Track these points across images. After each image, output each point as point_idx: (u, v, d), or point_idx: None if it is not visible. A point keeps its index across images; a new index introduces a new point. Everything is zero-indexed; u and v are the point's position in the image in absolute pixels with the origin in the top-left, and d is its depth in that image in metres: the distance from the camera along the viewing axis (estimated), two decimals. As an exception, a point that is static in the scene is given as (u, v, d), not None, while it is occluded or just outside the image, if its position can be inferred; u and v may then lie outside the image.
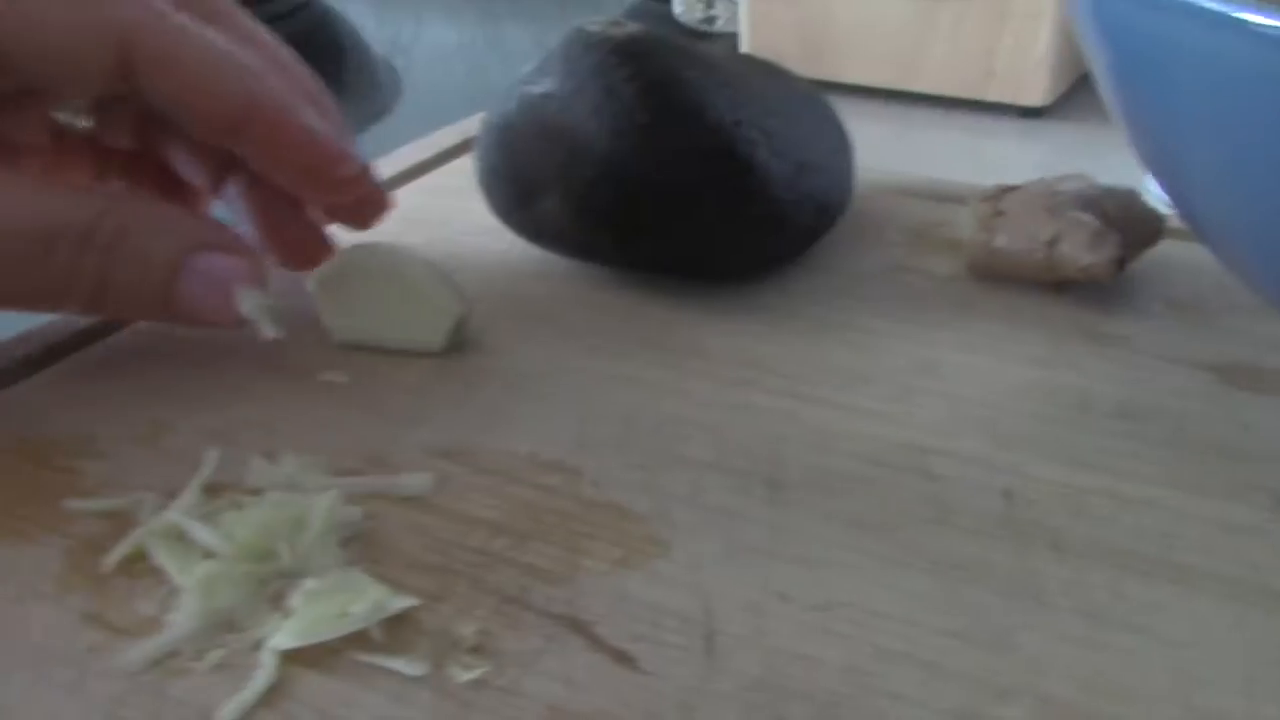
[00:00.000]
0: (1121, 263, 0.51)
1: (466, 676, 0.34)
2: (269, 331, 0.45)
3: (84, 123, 0.51)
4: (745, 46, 1.19)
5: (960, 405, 0.46)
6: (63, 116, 0.51)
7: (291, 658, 0.35)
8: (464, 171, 0.69)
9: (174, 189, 0.53)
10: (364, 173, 0.45)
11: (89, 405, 0.47)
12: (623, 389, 0.47)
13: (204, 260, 0.44)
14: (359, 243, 0.50)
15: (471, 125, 0.76)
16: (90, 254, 0.42)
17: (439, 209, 0.65)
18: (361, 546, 0.39)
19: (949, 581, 0.37)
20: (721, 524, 0.40)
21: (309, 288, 0.50)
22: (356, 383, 0.48)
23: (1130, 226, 0.53)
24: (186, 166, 0.51)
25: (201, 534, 0.37)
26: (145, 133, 0.49)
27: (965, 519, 0.40)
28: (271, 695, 0.34)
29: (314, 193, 0.45)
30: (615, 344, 0.51)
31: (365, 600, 0.35)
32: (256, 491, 0.41)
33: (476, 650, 0.35)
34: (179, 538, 0.39)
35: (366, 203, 0.50)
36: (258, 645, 0.35)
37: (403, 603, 0.36)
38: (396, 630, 0.36)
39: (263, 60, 0.46)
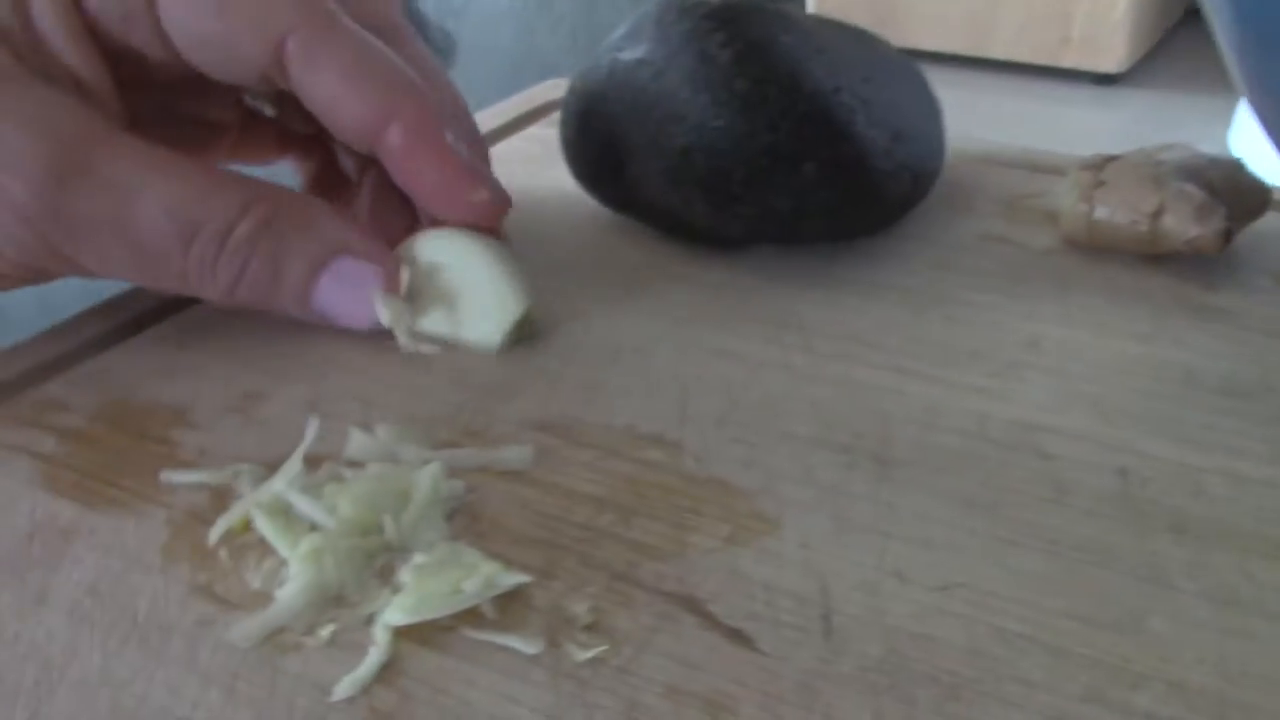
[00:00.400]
0: (1228, 235, 0.50)
1: (583, 656, 0.33)
2: (404, 341, 0.45)
3: (271, 110, 0.53)
4: (812, 9, 1.18)
5: (1066, 381, 0.45)
6: (252, 100, 0.52)
7: (403, 634, 0.34)
8: (540, 139, 0.68)
9: (341, 178, 0.53)
10: (496, 198, 0.44)
11: (181, 375, 0.47)
12: (721, 362, 0.46)
13: (345, 264, 0.44)
14: (428, 229, 0.49)
15: (545, 91, 0.75)
16: (230, 247, 0.42)
17: (518, 177, 0.64)
18: (465, 521, 0.39)
19: (1068, 563, 0.36)
20: (830, 501, 0.39)
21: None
22: (448, 354, 0.48)
23: (1236, 198, 0.52)
24: (344, 158, 0.52)
25: (306, 507, 0.37)
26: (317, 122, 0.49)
27: (1081, 498, 0.39)
28: (386, 672, 0.33)
29: (443, 210, 0.44)
30: (709, 316, 0.50)
31: (477, 576, 0.35)
32: (356, 464, 0.41)
33: (591, 628, 0.34)
34: (283, 511, 0.38)
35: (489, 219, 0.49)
36: (368, 621, 0.35)
37: (515, 579, 0.35)
38: (508, 607, 0.35)
39: (414, 75, 0.46)
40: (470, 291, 0.48)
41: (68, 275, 0.45)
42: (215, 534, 0.38)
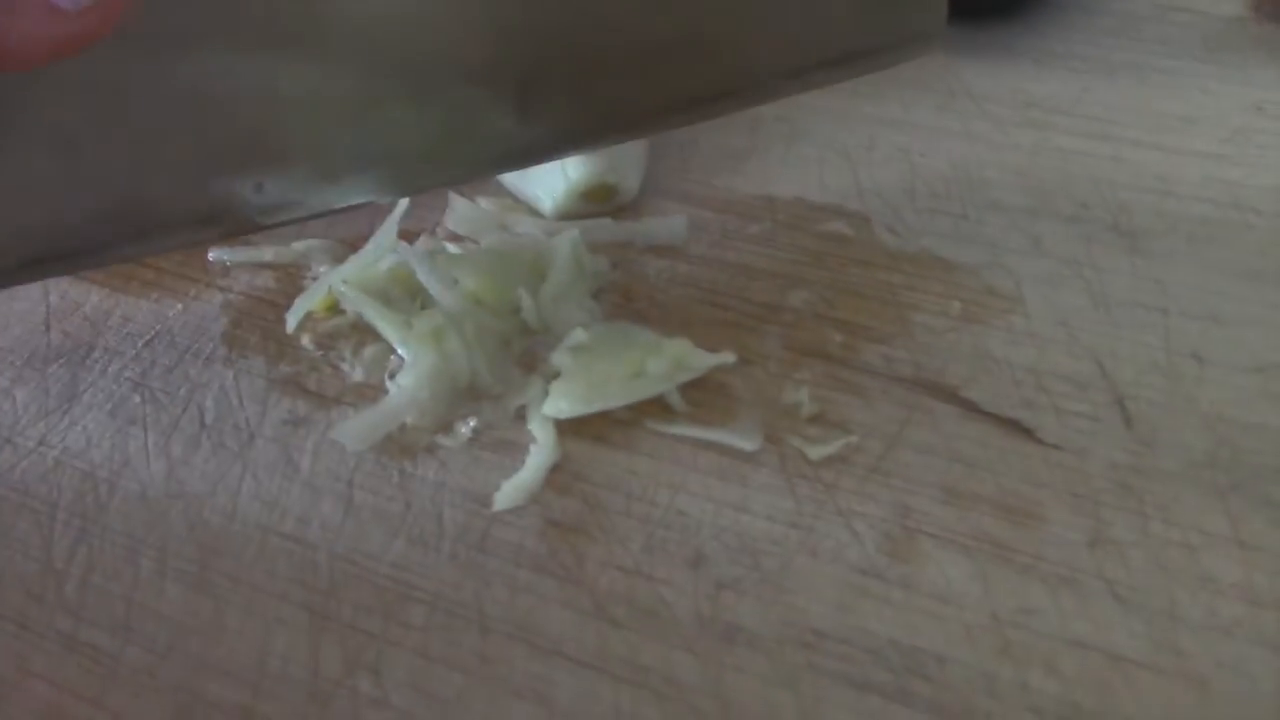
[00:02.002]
0: None
1: (820, 452, 0.25)
2: None
3: None
4: None
5: (1311, 148, 0.37)
6: None
7: (566, 430, 0.25)
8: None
9: None
10: None
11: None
12: (890, 131, 0.37)
13: None
14: None
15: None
16: None
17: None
18: (616, 300, 0.30)
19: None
20: (1076, 274, 0.30)
21: None
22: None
23: None
24: None
25: (428, 276, 0.28)
26: None
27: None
28: (556, 474, 0.24)
29: None
30: (866, 85, 0.40)
31: (661, 356, 0.26)
32: (460, 240, 0.31)
33: (817, 420, 0.26)
34: (382, 289, 0.29)
35: None
36: (518, 414, 0.26)
37: (714, 358, 0.26)
38: (698, 398, 0.26)
39: None
40: None
41: None
42: (294, 317, 0.28)
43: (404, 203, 0.31)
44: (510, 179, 0.34)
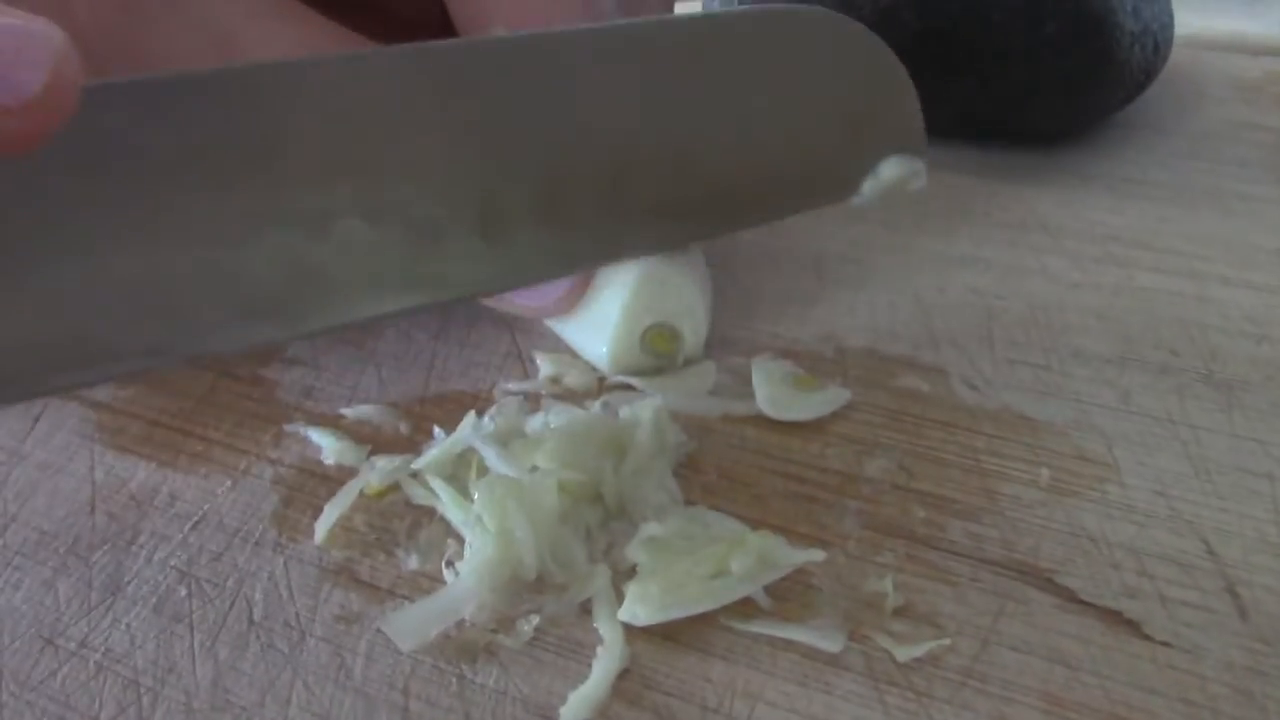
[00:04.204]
0: None
1: (909, 653, 0.23)
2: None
3: None
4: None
5: None
6: None
7: (636, 629, 0.24)
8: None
9: None
10: None
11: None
12: (962, 270, 0.36)
13: None
14: None
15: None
16: None
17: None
18: (687, 474, 0.28)
19: None
20: (1171, 436, 0.28)
21: None
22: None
23: None
24: None
25: (502, 466, 0.26)
26: None
27: None
28: (624, 681, 0.23)
29: None
30: (930, 219, 0.39)
31: (745, 553, 0.24)
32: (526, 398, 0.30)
33: (903, 613, 0.24)
34: (447, 468, 0.28)
35: None
36: (583, 609, 0.24)
37: (801, 555, 0.25)
38: (778, 586, 0.25)
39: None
40: (603, 292, 0.32)
41: None
42: (322, 528, 0.27)
43: (472, 418, 0.29)
44: (567, 333, 0.33)
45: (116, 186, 0.23)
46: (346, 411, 0.31)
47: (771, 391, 0.30)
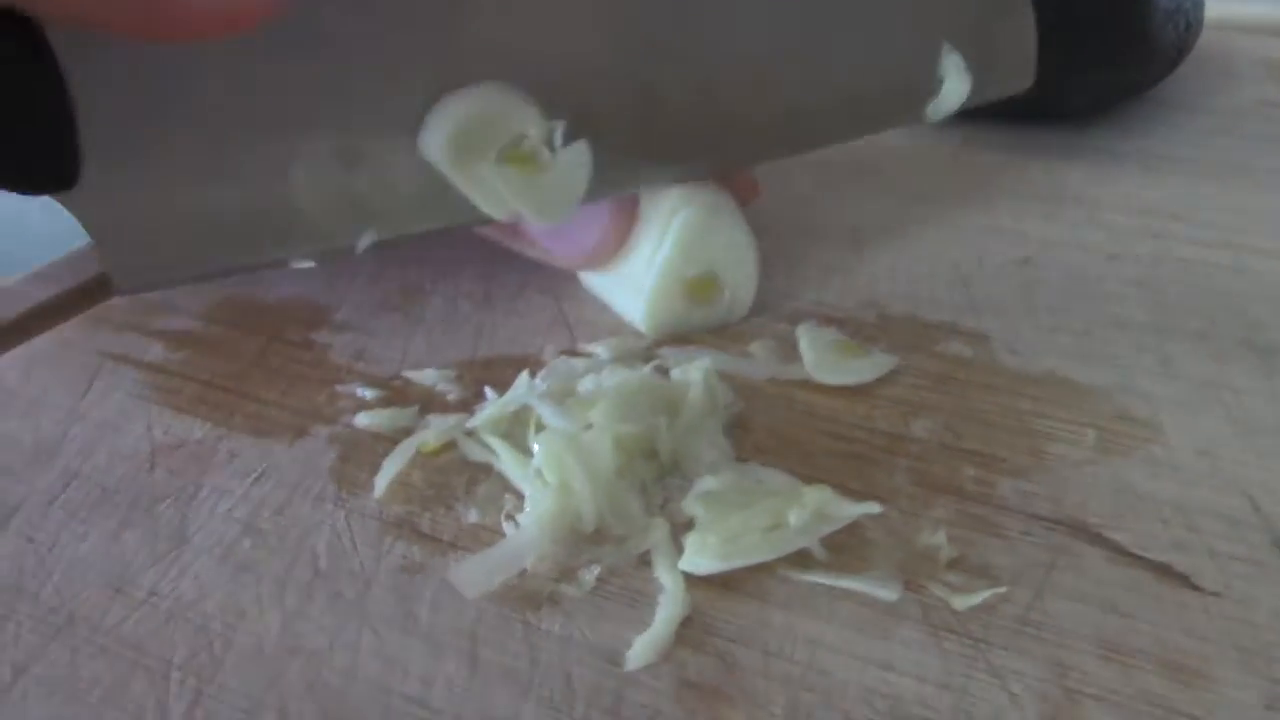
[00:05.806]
0: None
1: (966, 602, 0.23)
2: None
3: None
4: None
5: None
6: None
7: (696, 577, 0.24)
8: None
9: None
10: None
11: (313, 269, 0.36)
12: (999, 242, 0.36)
13: None
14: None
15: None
16: None
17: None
18: (738, 434, 0.29)
19: None
20: (1215, 398, 0.29)
21: None
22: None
23: None
24: None
25: (559, 421, 0.27)
26: None
27: None
28: (687, 628, 0.23)
29: None
30: (966, 193, 0.40)
31: (802, 506, 0.25)
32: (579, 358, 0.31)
33: (957, 565, 0.24)
34: (503, 426, 0.28)
35: None
36: (642, 560, 0.25)
37: (857, 508, 0.25)
38: (833, 539, 0.25)
39: None
40: (643, 248, 0.33)
41: None
42: (383, 480, 0.27)
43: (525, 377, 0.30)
44: (608, 293, 0.33)
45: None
46: (403, 374, 0.31)
47: (818, 357, 0.30)
